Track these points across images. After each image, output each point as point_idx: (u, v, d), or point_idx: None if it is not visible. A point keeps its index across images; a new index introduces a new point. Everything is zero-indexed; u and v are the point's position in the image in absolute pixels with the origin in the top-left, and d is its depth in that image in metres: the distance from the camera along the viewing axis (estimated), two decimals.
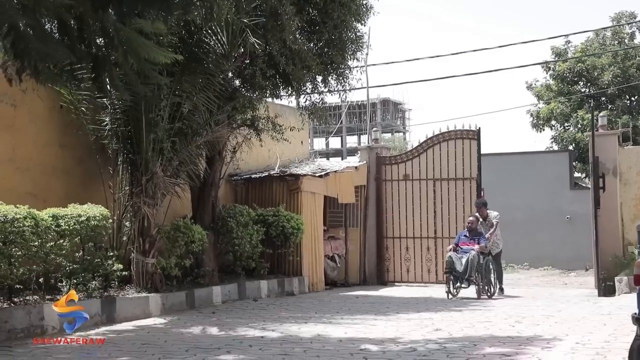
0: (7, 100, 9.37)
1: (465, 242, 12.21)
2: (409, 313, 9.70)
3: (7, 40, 5.87)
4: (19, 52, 5.91)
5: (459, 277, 11.75)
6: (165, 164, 9.98)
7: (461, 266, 11.66)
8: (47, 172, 9.90)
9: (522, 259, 20.07)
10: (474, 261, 11.62)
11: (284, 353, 6.48)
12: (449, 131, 15.22)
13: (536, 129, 25.80)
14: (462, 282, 11.77)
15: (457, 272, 11.71)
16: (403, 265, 15.10)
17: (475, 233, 12.31)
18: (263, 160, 14.54)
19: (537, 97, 25.79)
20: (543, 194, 19.76)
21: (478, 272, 11.75)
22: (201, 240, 10.47)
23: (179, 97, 10.02)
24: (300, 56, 11.23)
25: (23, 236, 7.66)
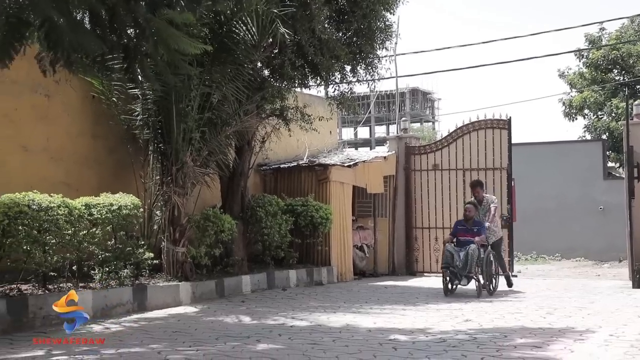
0: (41, 91, 9.52)
1: (463, 233, 10.88)
2: (439, 304, 9.66)
3: (41, 32, 5.94)
4: (52, 44, 5.98)
5: (457, 273, 10.44)
6: (195, 153, 10.05)
7: (460, 261, 10.37)
8: (80, 162, 10.05)
9: (554, 249, 19.86)
10: (474, 256, 10.36)
11: (313, 342, 6.50)
12: (479, 120, 15.05)
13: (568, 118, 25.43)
14: (461, 279, 10.49)
15: (455, 268, 10.41)
16: (432, 256, 15.00)
17: (474, 222, 11.01)
18: (292, 150, 14.56)
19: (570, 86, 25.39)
20: (575, 184, 19.50)
21: (479, 266, 10.56)
22: (230, 230, 10.53)
23: (208, 88, 10.07)
24: (329, 46, 11.20)
25: (57, 224, 7.80)
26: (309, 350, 6.11)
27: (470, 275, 10.44)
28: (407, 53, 38.46)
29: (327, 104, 13.31)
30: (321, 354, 5.95)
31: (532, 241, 19.37)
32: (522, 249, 18.85)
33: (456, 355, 5.93)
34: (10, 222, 7.33)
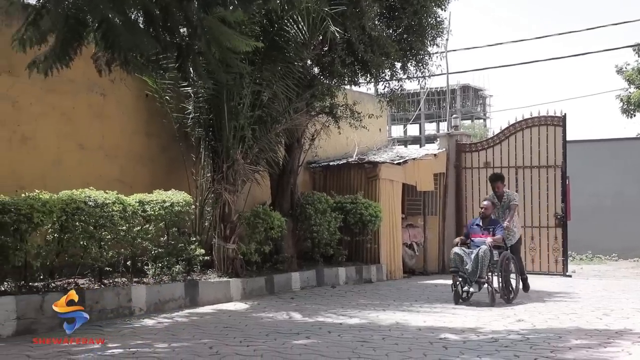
0: (97, 90, 9.76)
1: (477, 233, 9.78)
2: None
3: (98, 33, 6.09)
4: (109, 44, 6.12)
5: (468, 279, 9.26)
6: (246, 151, 10.14)
7: (470, 264, 9.27)
8: (134, 159, 10.26)
9: (610, 249, 19.32)
10: (484, 258, 9.20)
11: (362, 340, 6.48)
12: (532, 117, 14.77)
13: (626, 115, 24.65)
14: (471, 284, 9.26)
15: (464, 272, 9.28)
16: None
17: (490, 221, 9.93)
18: (341, 147, 14.55)
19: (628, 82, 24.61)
20: (633, 182, 18.93)
21: (491, 271, 9.41)
22: (280, 227, 10.59)
23: (259, 86, 10.14)
24: (379, 43, 11.15)
25: (112, 220, 7.98)
26: (359, 347, 6.09)
27: (482, 280, 9.24)
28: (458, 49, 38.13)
29: (377, 101, 13.26)
30: (370, 351, 5.93)
31: (587, 240, 18.88)
32: (577, 248, 18.41)
33: (508, 355, 5.83)
34: (68, 218, 7.54)
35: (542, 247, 14.57)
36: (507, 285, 9.61)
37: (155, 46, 6.60)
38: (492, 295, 9.24)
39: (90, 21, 6.10)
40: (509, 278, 9.70)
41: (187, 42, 6.95)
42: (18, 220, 6.77)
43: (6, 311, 6.53)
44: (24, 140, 8.84)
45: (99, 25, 6.03)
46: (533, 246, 14.60)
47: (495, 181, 10.81)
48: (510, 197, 10.64)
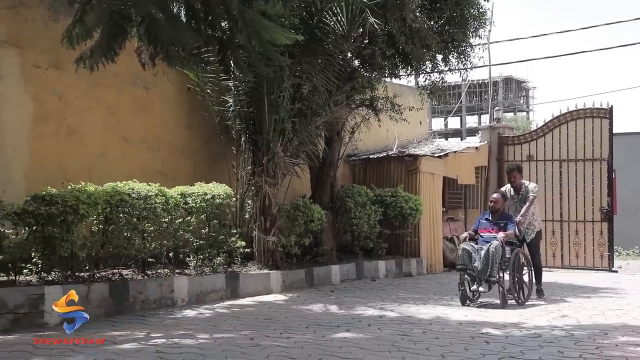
0: (140, 84, 9.90)
1: (487, 228, 9.02)
2: (533, 298, 9.36)
3: (141, 27, 6.17)
4: (152, 38, 6.20)
5: (477, 277, 8.51)
6: (286, 144, 10.17)
7: (479, 262, 8.55)
8: (176, 152, 10.39)
9: None
10: (495, 255, 8.42)
11: (402, 333, 6.45)
12: (577, 109, 14.48)
13: None
14: (480, 283, 8.50)
15: (473, 270, 8.56)
16: None
17: (501, 215, 9.15)
18: (381, 140, 14.49)
19: None
20: None
21: (503, 269, 8.67)
22: (320, 220, 10.61)
23: (299, 78, 10.15)
24: (420, 35, 11.04)
25: (155, 212, 8.10)
26: (399, 341, 6.07)
27: (492, 279, 8.46)
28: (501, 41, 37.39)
29: (418, 94, 13.15)
30: (411, 345, 5.90)
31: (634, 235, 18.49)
32: (623, 243, 18.02)
33: (552, 351, 5.73)
34: (112, 210, 7.67)
35: (587, 241, 14.30)
36: (519, 285, 8.88)
37: (196, 40, 6.67)
38: (503, 296, 8.47)
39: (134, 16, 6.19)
40: (521, 278, 8.98)
41: (228, 36, 7.00)
42: (65, 211, 6.92)
43: (54, 300, 6.68)
44: (70, 133, 9.03)
45: (142, 20, 6.11)
46: (578, 241, 14.33)
47: (512, 172, 9.99)
48: (528, 188, 9.83)
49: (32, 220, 6.85)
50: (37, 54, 8.58)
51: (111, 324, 6.79)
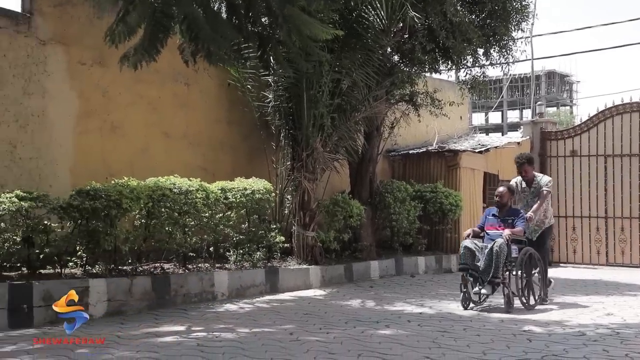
0: (182, 80, 10.02)
1: (493, 225, 8.20)
2: (577, 296, 9.19)
3: (183, 25, 6.24)
4: (194, 35, 6.26)
5: (479, 278, 7.74)
6: (325, 139, 10.17)
7: (483, 261, 7.75)
8: (216, 148, 10.49)
9: None
10: (500, 254, 7.59)
11: (443, 330, 6.40)
12: (623, 104, 14.14)
13: None
14: (483, 285, 7.70)
15: (475, 270, 7.78)
16: (569, 246, 14.34)
17: (509, 211, 8.30)
18: (421, 135, 14.39)
19: None
20: None
21: (509, 270, 7.81)
22: (359, 215, 10.58)
23: (338, 74, 10.14)
24: (461, 29, 10.92)
25: (196, 207, 8.19)
26: (439, 337, 6.02)
27: (496, 280, 7.63)
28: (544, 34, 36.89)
29: (458, 89, 13.04)
30: (451, 342, 5.85)
31: None
32: None
33: (597, 349, 5.61)
34: (154, 205, 7.78)
35: (632, 238, 13.98)
36: (529, 287, 8.04)
37: (237, 37, 6.72)
38: (508, 299, 7.64)
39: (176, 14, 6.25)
40: (530, 279, 8.08)
41: (268, 32, 7.03)
42: (108, 206, 7.05)
43: (98, 293, 6.83)
44: (113, 129, 9.18)
45: (184, 18, 6.18)
46: (623, 238, 14.03)
47: (522, 164, 9.01)
48: (541, 182, 8.91)
49: (77, 215, 7.00)
50: (82, 50, 8.75)
51: (153, 317, 6.90)
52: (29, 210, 6.69)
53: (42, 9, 8.41)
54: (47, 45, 8.45)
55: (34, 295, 6.32)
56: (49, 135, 8.45)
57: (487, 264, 7.66)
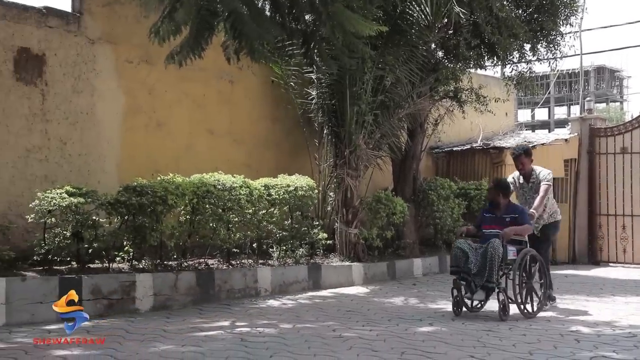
0: (226, 77, 10.11)
1: (490, 224, 7.27)
2: (627, 296, 8.95)
3: (227, 23, 6.29)
4: (237, 33, 6.31)
5: (472, 282, 6.90)
6: (368, 136, 10.14)
7: (475, 263, 6.92)
8: (260, 144, 10.55)
9: None
10: (494, 256, 6.78)
11: (487, 329, 6.32)
12: None
13: None
14: (475, 290, 6.88)
15: (468, 274, 6.91)
16: (619, 245, 13.95)
17: (509, 208, 7.35)
18: (465, 132, 14.23)
19: None
20: None
21: (505, 273, 6.99)
22: (402, 213, 10.52)
23: (381, 70, 10.08)
24: (507, 24, 10.74)
25: (239, 204, 8.26)
26: (484, 336, 5.95)
27: (489, 285, 6.82)
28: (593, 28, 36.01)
29: (504, 85, 12.86)
30: (496, 341, 5.77)
31: None
32: None
33: None
34: (199, 201, 7.88)
35: None
36: (529, 293, 7.18)
37: (280, 34, 6.75)
38: (503, 306, 6.82)
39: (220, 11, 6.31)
40: (531, 284, 7.23)
41: (311, 29, 7.04)
42: (154, 202, 7.17)
43: (144, 287, 6.95)
44: (159, 126, 9.33)
45: (228, 15, 6.22)
46: None
47: (519, 157, 8.09)
48: (540, 176, 8.05)
49: (124, 210, 7.14)
50: (129, 49, 8.91)
51: (198, 311, 6.99)
52: (78, 205, 6.85)
53: (91, 8, 8.59)
54: (96, 44, 8.63)
55: (83, 289, 6.46)
56: (97, 132, 8.64)
57: (480, 266, 6.85)
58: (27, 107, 7.96)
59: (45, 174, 8.04)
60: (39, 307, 6.13)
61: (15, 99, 7.86)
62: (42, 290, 6.22)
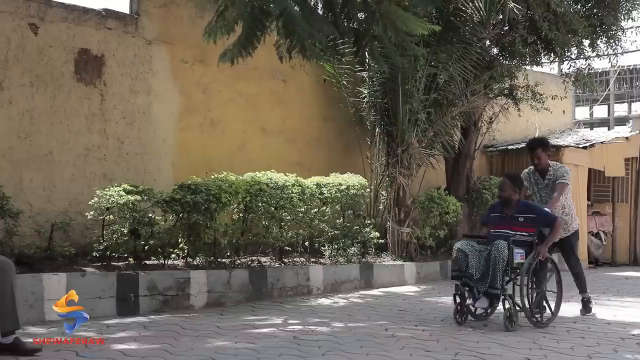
0: (279, 76, 10.17)
1: (497, 224, 6.61)
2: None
3: (279, 21, 6.32)
4: (289, 32, 6.33)
5: (475, 288, 6.27)
6: (420, 135, 10.05)
7: (478, 268, 6.30)
8: (312, 143, 10.58)
9: None
10: (498, 259, 6.12)
11: (544, 331, 6.19)
12: None
13: None
14: (478, 296, 6.24)
15: (470, 278, 6.29)
16: None
17: (520, 207, 6.60)
18: (520, 130, 13.96)
19: None
20: None
21: (512, 279, 6.36)
22: (455, 212, 10.39)
23: (434, 68, 9.98)
24: (565, 19, 10.49)
25: (292, 202, 8.30)
26: (540, 339, 5.82)
27: (493, 292, 6.17)
28: None
29: (561, 82, 12.55)
30: (553, 343, 5.64)
31: None
32: None
33: None
34: (251, 199, 7.94)
35: None
36: (538, 302, 6.57)
37: (332, 33, 6.74)
38: (509, 315, 6.17)
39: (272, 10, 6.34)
40: (543, 292, 6.63)
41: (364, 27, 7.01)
42: (208, 200, 7.26)
43: (198, 284, 7.06)
44: (213, 125, 9.45)
45: (280, 14, 6.25)
46: None
47: (535, 149, 7.28)
48: (558, 173, 7.22)
49: (179, 208, 7.26)
50: (184, 49, 9.06)
51: (251, 308, 7.06)
52: (135, 203, 6.99)
53: (148, 9, 8.77)
54: (153, 45, 8.81)
55: (139, 285, 6.61)
56: (153, 131, 8.81)
57: (483, 271, 6.23)
58: (86, 107, 8.18)
59: (104, 172, 8.25)
60: (98, 302, 6.29)
61: (76, 99, 8.09)
62: (100, 285, 6.38)
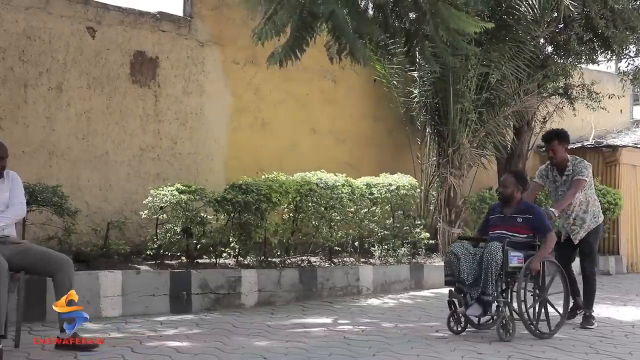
0: (329, 77, 10.19)
1: (497, 225, 6.13)
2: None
3: (329, 23, 6.34)
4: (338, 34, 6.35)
5: (468, 294, 5.77)
6: (472, 135, 9.93)
7: (469, 272, 5.81)
8: (362, 143, 10.56)
9: None
10: (490, 262, 5.64)
11: (600, 335, 6.04)
12: None
13: None
14: (470, 302, 5.72)
15: (463, 283, 5.79)
16: None
17: (520, 207, 6.09)
18: (575, 130, 13.59)
19: None
20: None
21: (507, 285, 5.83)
22: None
23: (486, 67, 9.85)
24: (623, 16, 10.21)
25: (341, 202, 8.31)
26: (597, 343, 5.69)
27: (485, 298, 5.65)
28: None
29: (619, 80, 12.21)
30: (611, 348, 5.50)
31: None
32: None
33: None
34: (301, 199, 7.98)
35: None
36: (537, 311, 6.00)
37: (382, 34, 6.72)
38: (504, 324, 5.68)
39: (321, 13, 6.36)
40: (544, 298, 6.07)
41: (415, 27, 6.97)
42: (259, 199, 7.33)
43: (249, 283, 7.14)
44: (264, 125, 9.54)
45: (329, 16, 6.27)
46: None
47: (550, 142, 6.54)
48: (576, 168, 6.47)
49: (230, 208, 7.35)
50: (236, 51, 9.17)
51: (300, 308, 7.10)
52: (187, 202, 7.12)
53: (201, 12, 8.92)
54: (205, 47, 8.95)
55: (192, 283, 6.73)
56: (206, 131, 8.95)
57: (476, 276, 5.76)
58: (141, 108, 8.36)
59: (158, 172, 8.43)
60: (152, 300, 6.43)
61: (131, 100, 8.28)
62: (154, 283, 6.52)
